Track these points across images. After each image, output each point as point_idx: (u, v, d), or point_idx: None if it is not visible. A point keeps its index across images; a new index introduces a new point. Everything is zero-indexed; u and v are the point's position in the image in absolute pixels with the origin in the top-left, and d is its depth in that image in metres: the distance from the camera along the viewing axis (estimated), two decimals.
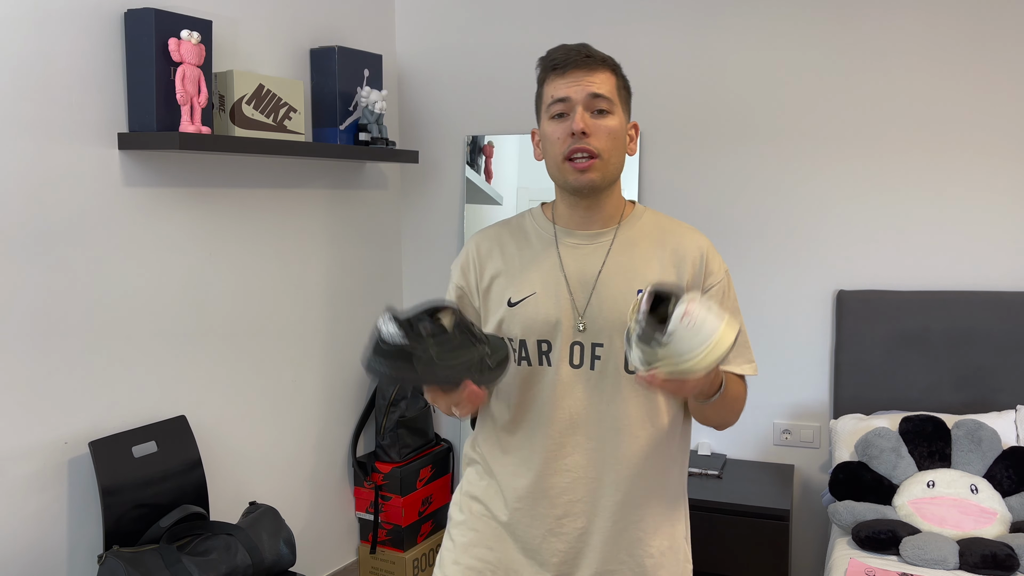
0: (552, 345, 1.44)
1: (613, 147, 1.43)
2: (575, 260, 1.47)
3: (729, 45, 2.91)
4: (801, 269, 2.87)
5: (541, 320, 1.44)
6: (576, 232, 1.49)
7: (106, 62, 2.20)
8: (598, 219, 1.49)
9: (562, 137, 1.42)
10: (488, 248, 1.53)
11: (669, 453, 1.51)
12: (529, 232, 1.53)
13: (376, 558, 3.08)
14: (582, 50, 1.43)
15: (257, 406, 2.71)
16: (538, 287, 1.46)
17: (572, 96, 1.41)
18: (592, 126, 1.40)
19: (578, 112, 1.40)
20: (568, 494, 1.47)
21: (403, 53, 3.37)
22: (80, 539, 2.18)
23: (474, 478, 1.57)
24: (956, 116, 2.68)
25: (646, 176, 3.04)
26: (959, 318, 2.62)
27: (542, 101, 1.46)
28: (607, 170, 1.43)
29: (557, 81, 1.42)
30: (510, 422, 1.50)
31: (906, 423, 2.44)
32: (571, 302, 1.45)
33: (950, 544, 2.15)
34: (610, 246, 1.48)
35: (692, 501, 2.63)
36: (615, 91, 1.44)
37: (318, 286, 2.95)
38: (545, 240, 1.51)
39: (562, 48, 1.45)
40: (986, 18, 2.63)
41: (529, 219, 1.55)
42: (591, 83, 1.41)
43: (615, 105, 1.43)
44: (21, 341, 2.03)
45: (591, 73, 1.41)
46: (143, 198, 2.31)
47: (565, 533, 1.47)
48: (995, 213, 2.66)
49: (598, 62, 1.43)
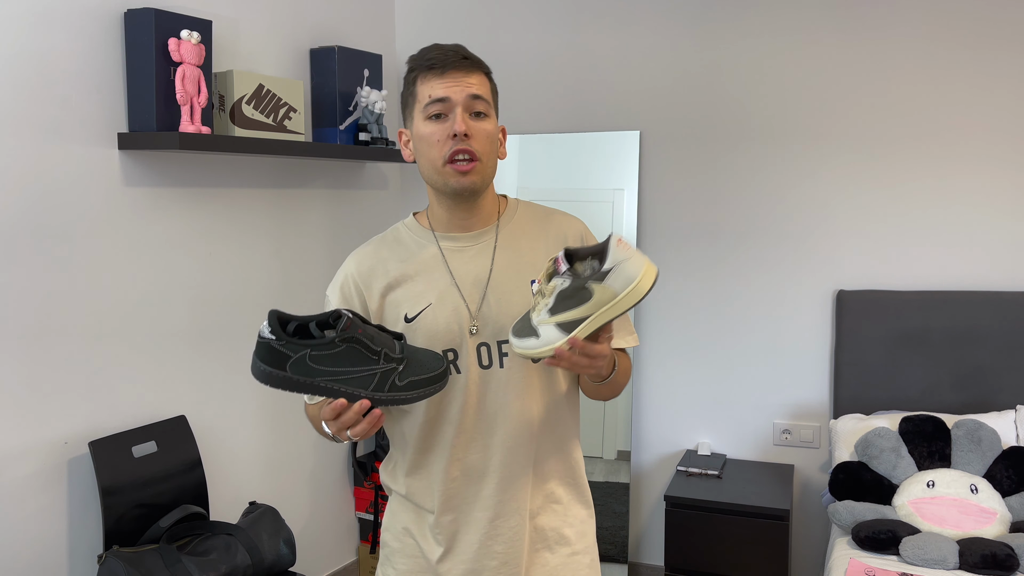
0: (459, 352, 1.42)
1: (491, 150, 1.42)
2: (462, 263, 1.45)
3: (730, 46, 2.91)
4: (801, 269, 2.87)
5: (443, 330, 1.41)
6: (458, 235, 1.47)
7: (106, 62, 2.20)
8: (478, 219, 1.48)
9: (442, 139, 1.39)
10: (370, 266, 1.48)
11: (565, 425, 1.52)
12: (408, 243, 1.49)
13: (376, 558, 3.08)
14: (459, 51, 1.40)
15: (257, 406, 2.71)
16: (432, 298, 1.43)
17: (452, 96, 1.38)
18: (472, 128, 1.38)
19: (458, 113, 1.38)
20: (499, 494, 1.45)
21: (403, 53, 3.37)
22: (80, 539, 2.18)
23: (397, 508, 1.54)
24: (956, 116, 2.68)
25: (646, 176, 3.04)
26: (959, 318, 2.62)
27: (416, 101, 1.42)
28: (486, 172, 1.42)
29: (434, 81, 1.39)
30: (421, 439, 1.46)
31: (906, 423, 2.44)
32: (466, 307, 1.43)
33: (950, 544, 2.15)
34: (495, 243, 1.47)
35: (692, 501, 2.63)
36: (490, 94, 1.43)
37: (318, 286, 2.95)
38: (427, 249, 1.47)
39: (437, 48, 1.42)
40: (986, 19, 2.63)
41: (404, 230, 1.52)
42: (470, 84, 1.39)
43: (491, 107, 1.42)
44: (21, 341, 2.03)
45: (469, 74, 1.39)
46: (143, 198, 2.31)
47: (500, 535, 1.45)
48: (995, 213, 2.66)
49: (474, 64, 1.41)
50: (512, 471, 1.44)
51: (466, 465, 1.44)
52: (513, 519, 1.45)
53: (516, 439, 1.44)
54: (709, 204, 2.97)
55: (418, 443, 1.46)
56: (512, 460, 1.44)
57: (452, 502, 1.45)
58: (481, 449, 1.44)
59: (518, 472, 1.45)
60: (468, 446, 1.44)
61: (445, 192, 1.43)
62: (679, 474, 2.85)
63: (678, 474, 2.85)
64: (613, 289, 1.23)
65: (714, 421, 3.01)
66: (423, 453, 1.46)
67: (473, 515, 1.45)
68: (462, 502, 1.45)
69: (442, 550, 1.47)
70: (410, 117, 1.44)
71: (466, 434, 1.43)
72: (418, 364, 1.29)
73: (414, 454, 1.47)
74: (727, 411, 2.99)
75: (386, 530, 1.56)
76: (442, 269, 1.45)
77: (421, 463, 1.47)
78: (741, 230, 2.93)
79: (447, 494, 1.45)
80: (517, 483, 1.45)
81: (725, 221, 2.95)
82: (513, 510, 1.45)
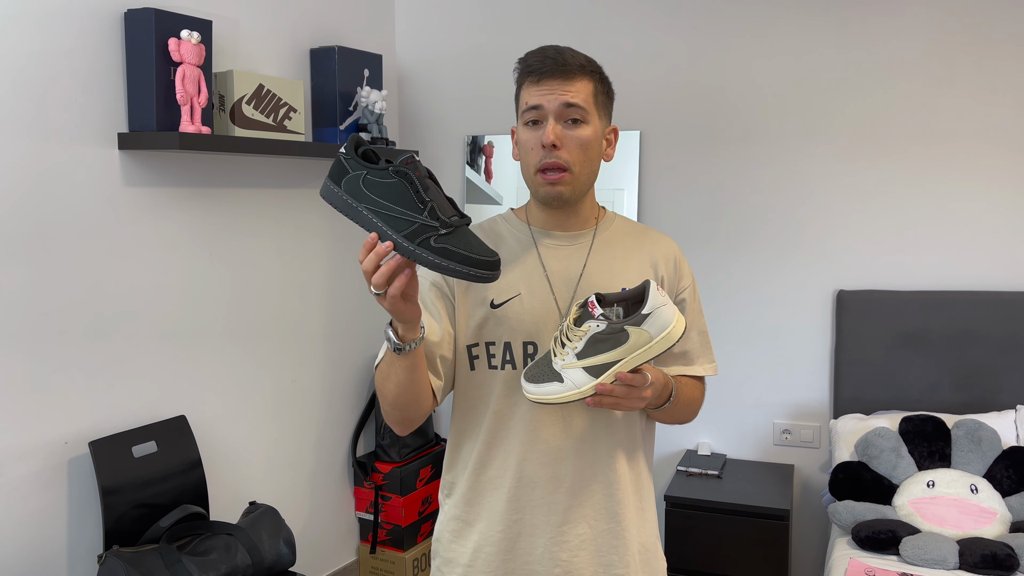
0: (539, 347, 1.42)
1: (585, 158, 1.41)
2: (556, 260, 1.46)
3: (730, 45, 2.91)
4: (801, 269, 2.87)
5: (528, 321, 1.42)
6: (554, 233, 1.48)
7: (106, 62, 2.20)
8: (575, 222, 1.49)
9: (534, 147, 1.40)
10: None
11: (648, 442, 1.55)
12: (504, 234, 1.50)
13: (376, 558, 3.08)
14: (558, 57, 1.39)
15: (257, 406, 2.71)
16: (522, 288, 1.44)
17: (544, 105, 1.38)
18: (563, 137, 1.38)
19: (549, 124, 1.38)
20: (571, 498, 1.44)
21: (403, 53, 3.37)
22: (80, 539, 2.18)
23: (456, 511, 1.52)
24: (956, 116, 2.68)
25: (646, 176, 3.04)
26: (959, 318, 2.62)
27: (519, 104, 1.45)
28: (576, 184, 1.42)
29: (532, 88, 1.40)
30: (488, 432, 1.45)
31: (906, 423, 2.44)
32: (555, 302, 1.43)
33: (950, 544, 2.15)
34: (590, 246, 1.48)
35: (692, 501, 2.64)
36: (591, 98, 1.41)
37: (318, 286, 2.95)
38: (523, 241, 1.48)
39: (539, 53, 1.42)
40: (987, 20, 2.63)
41: (502, 222, 1.53)
42: (565, 92, 1.38)
43: (590, 114, 1.40)
44: (21, 341, 2.03)
45: (566, 82, 1.38)
46: (143, 198, 2.31)
47: (566, 541, 1.44)
48: (995, 213, 2.66)
49: (575, 69, 1.39)
50: (587, 475, 1.44)
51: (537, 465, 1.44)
52: (581, 526, 1.44)
53: (593, 442, 1.44)
54: (709, 204, 2.97)
55: (487, 435, 1.46)
56: (588, 465, 1.44)
57: (517, 503, 1.45)
58: (559, 450, 1.44)
59: (589, 476, 1.45)
60: (549, 446, 1.44)
61: (535, 197, 1.46)
62: (679, 474, 2.85)
63: (678, 474, 2.85)
64: (649, 334, 1.27)
65: (714, 421, 3.01)
66: (490, 446, 1.46)
67: (538, 519, 1.45)
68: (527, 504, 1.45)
69: (507, 560, 1.46)
70: (517, 118, 1.47)
71: (545, 433, 1.43)
72: (465, 241, 1.20)
73: (482, 446, 1.47)
74: (727, 411, 2.99)
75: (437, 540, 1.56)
76: (535, 262, 1.46)
77: (490, 456, 1.46)
78: (741, 230, 2.93)
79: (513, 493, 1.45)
80: (595, 493, 1.45)
81: (725, 221, 2.95)
82: (582, 517, 1.45)
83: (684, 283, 1.52)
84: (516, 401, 1.43)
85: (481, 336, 1.44)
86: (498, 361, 1.44)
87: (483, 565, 1.46)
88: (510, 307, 1.43)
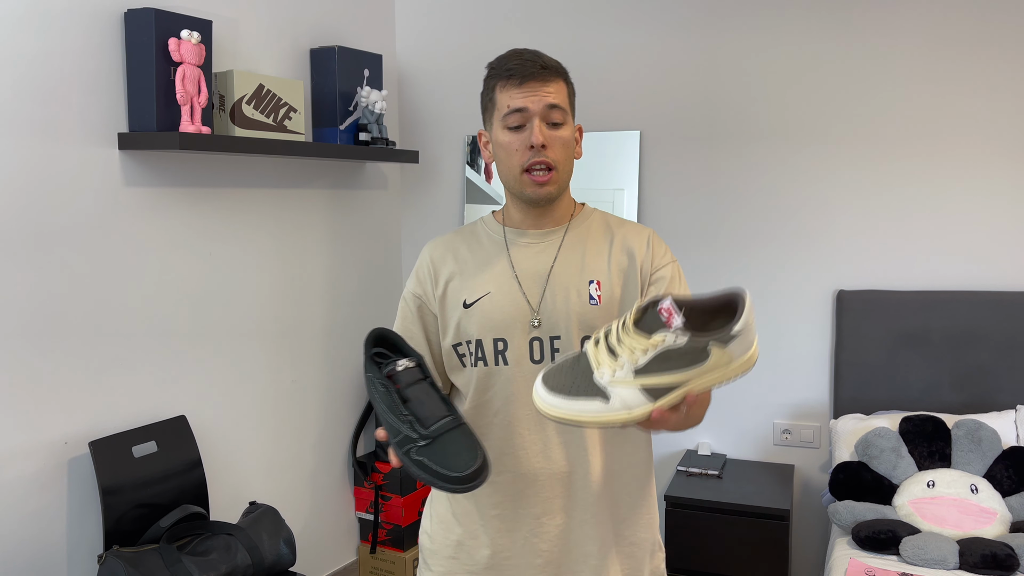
0: (508, 343, 1.45)
1: (566, 157, 1.46)
2: (526, 259, 1.49)
3: (730, 45, 2.91)
4: (801, 269, 2.87)
5: (497, 318, 1.46)
6: (527, 232, 1.52)
7: (106, 62, 2.20)
8: (549, 220, 1.52)
9: (520, 149, 1.43)
10: (441, 254, 1.55)
11: (635, 434, 1.53)
12: (481, 236, 1.55)
13: (376, 558, 3.08)
14: (536, 60, 1.43)
15: (257, 406, 2.71)
16: (492, 287, 1.48)
17: (530, 107, 1.41)
18: (549, 138, 1.42)
19: (536, 125, 1.41)
20: (549, 489, 1.47)
21: (403, 53, 3.37)
22: (80, 539, 2.18)
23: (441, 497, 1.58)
24: (957, 116, 2.68)
25: (646, 176, 3.04)
26: (959, 318, 2.62)
27: (495, 108, 1.46)
28: (560, 182, 1.46)
29: (512, 91, 1.42)
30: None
31: (906, 423, 2.44)
32: (525, 299, 1.46)
33: (950, 544, 2.15)
34: (560, 242, 1.50)
35: (692, 501, 2.63)
36: (567, 99, 1.46)
37: (318, 286, 2.95)
38: (496, 242, 1.53)
39: (516, 55, 1.44)
40: (987, 20, 2.63)
41: (481, 225, 1.58)
42: (547, 94, 1.42)
43: (567, 114, 1.45)
44: (21, 341, 2.03)
45: (546, 83, 1.42)
46: (143, 198, 2.31)
47: (545, 532, 1.48)
48: (995, 213, 2.66)
49: (552, 72, 1.43)
50: (563, 468, 1.47)
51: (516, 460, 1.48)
52: (558, 517, 1.48)
53: (568, 434, 1.46)
54: (709, 204, 2.97)
55: None
56: (563, 457, 1.47)
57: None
58: (532, 444, 1.47)
59: (567, 467, 1.47)
60: (523, 439, 1.47)
61: (521, 199, 1.48)
62: (679, 474, 2.85)
63: (678, 474, 2.85)
64: (731, 355, 1.03)
65: (714, 421, 3.01)
66: None
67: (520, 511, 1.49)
68: None
69: (488, 552, 1.50)
70: (489, 122, 1.49)
71: (520, 427, 1.46)
72: (443, 453, 1.21)
73: None
74: (727, 411, 2.99)
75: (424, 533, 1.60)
76: (505, 262, 1.49)
77: None
78: (741, 230, 2.94)
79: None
80: (574, 484, 1.47)
81: (725, 221, 2.95)
82: (561, 508, 1.48)
83: (659, 261, 1.49)
84: (491, 398, 1.47)
85: (457, 335, 1.50)
86: (471, 359, 1.48)
87: (466, 557, 1.51)
88: (480, 305, 1.47)
